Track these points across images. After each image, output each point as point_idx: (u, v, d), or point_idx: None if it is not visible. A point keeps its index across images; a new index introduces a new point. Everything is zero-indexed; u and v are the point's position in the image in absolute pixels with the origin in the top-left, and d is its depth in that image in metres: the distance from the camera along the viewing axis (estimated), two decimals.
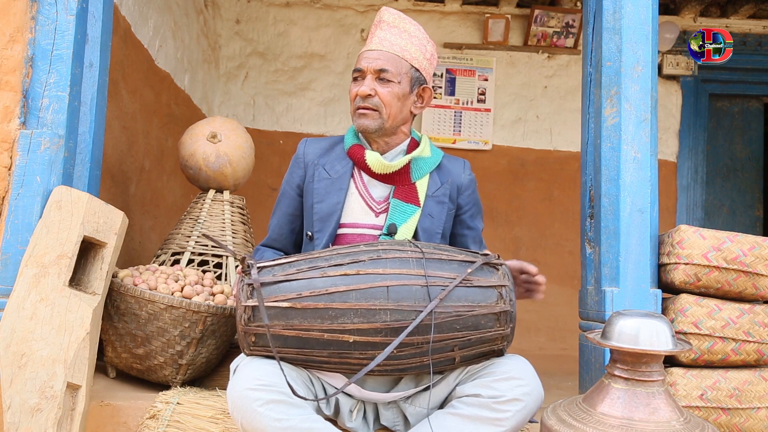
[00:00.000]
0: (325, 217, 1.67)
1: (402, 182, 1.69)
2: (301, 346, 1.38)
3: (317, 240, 1.66)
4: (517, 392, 1.39)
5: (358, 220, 1.68)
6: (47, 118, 1.77)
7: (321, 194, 1.70)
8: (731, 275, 1.74)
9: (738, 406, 1.72)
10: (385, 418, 1.55)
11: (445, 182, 1.74)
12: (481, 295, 1.41)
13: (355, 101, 1.67)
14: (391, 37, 1.68)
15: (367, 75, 1.66)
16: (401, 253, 1.43)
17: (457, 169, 1.78)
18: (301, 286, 1.38)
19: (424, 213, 1.68)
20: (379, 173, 1.68)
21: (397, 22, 1.70)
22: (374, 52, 1.67)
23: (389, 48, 1.67)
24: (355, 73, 1.69)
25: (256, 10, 4.32)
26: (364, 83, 1.66)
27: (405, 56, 1.67)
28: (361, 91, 1.65)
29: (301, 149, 1.79)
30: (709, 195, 4.37)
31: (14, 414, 1.49)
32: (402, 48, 1.67)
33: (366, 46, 1.72)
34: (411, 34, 1.70)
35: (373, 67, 1.65)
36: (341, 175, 1.71)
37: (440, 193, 1.72)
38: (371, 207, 1.69)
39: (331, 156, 1.75)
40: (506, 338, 1.44)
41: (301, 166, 1.77)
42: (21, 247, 1.66)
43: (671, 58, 4.24)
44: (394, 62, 1.66)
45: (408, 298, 1.36)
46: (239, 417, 1.32)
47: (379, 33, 1.70)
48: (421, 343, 1.37)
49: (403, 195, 1.68)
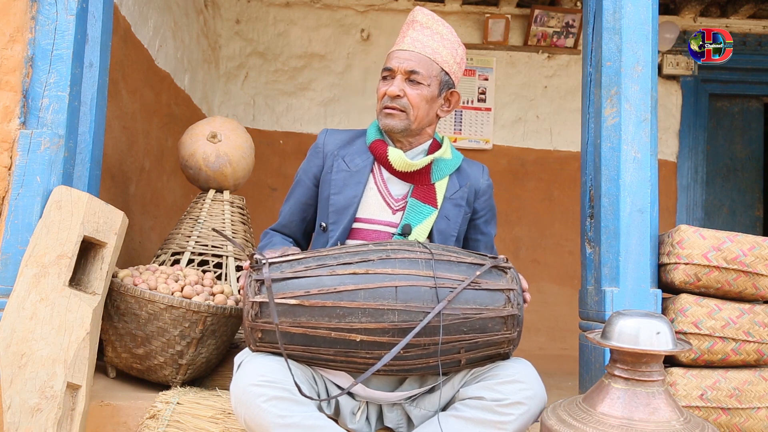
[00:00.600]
0: (341, 210, 1.67)
1: (422, 182, 1.69)
2: (307, 343, 1.38)
3: (331, 232, 1.66)
4: (521, 396, 1.39)
5: (374, 215, 1.67)
6: (47, 118, 1.77)
7: (339, 186, 1.69)
8: (731, 275, 1.74)
9: (738, 406, 1.72)
10: (388, 419, 1.55)
11: (464, 185, 1.74)
12: (489, 298, 1.41)
13: (383, 100, 1.66)
14: (424, 38, 1.67)
15: (397, 75, 1.65)
16: (410, 254, 1.43)
17: (476, 174, 1.78)
18: (309, 283, 1.38)
19: (441, 215, 1.68)
20: (400, 171, 1.68)
21: (430, 23, 1.69)
22: (406, 52, 1.65)
23: (421, 49, 1.65)
24: (384, 72, 1.67)
25: (256, 10, 4.32)
26: (393, 83, 1.64)
27: (436, 59, 1.66)
28: (390, 91, 1.63)
29: (321, 139, 1.78)
30: (709, 195, 4.37)
31: (14, 414, 1.49)
32: (434, 50, 1.66)
33: (397, 45, 1.70)
34: (443, 36, 1.69)
35: (404, 68, 1.64)
36: (361, 168, 1.71)
37: (458, 196, 1.72)
38: (389, 203, 1.68)
39: (351, 149, 1.74)
40: (513, 342, 1.45)
41: (320, 156, 1.76)
42: (21, 247, 1.66)
43: (671, 58, 4.24)
44: (425, 64, 1.64)
45: (416, 298, 1.36)
46: (242, 412, 1.32)
47: (411, 33, 1.68)
48: (427, 345, 1.37)
49: (421, 195, 1.67)
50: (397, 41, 1.72)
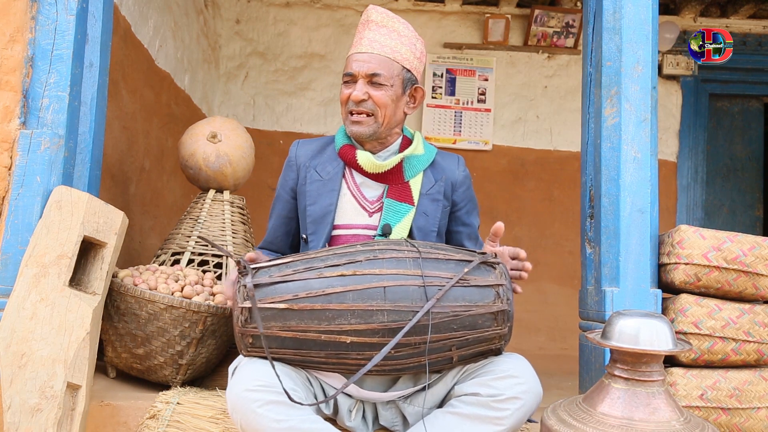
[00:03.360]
0: (319, 219, 1.66)
1: (395, 181, 1.67)
2: (298, 347, 1.38)
3: (312, 243, 1.65)
4: (516, 390, 1.39)
5: (351, 220, 1.67)
6: (47, 118, 1.77)
7: (313, 196, 1.68)
8: (731, 275, 1.74)
9: (738, 406, 1.72)
10: (383, 418, 1.55)
11: (440, 179, 1.72)
12: (479, 295, 1.40)
13: (348, 105, 1.64)
14: (381, 38, 1.64)
15: (359, 79, 1.62)
16: (398, 253, 1.42)
17: (451, 166, 1.75)
18: (297, 287, 1.37)
19: (419, 212, 1.67)
20: (372, 173, 1.67)
21: (385, 21, 1.66)
22: (364, 54, 1.63)
23: (380, 50, 1.63)
24: (345, 77, 1.65)
25: (256, 10, 4.32)
26: (356, 87, 1.62)
27: (396, 58, 1.64)
28: (354, 96, 1.61)
29: (293, 152, 1.78)
30: (709, 195, 4.37)
31: (14, 414, 1.49)
32: (393, 49, 1.64)
33: (355, 48, 1.67)
34: (401, 33, 1.66)
35: (365, 71, 1.61)
36: (333, 176, 1.69)
37: (434, 191, 1.70)
38: (364, 207, 1.67)
39: (322, 157, 1.73)
40: (504, 337, 1.44)
41: (294, 168, 1.76)
42: (21, 247, 1.66)
43: (671, 58, 4.24)
44: (386, 65, 1.62)
45: (405, 298, 1.36)
46: (239, 418, 1.32)
47: (367, 34, 1.66)
48: (418, 344, 1.37)
49: (396, 194, 1.66)
50: (354, 43, 1.69)
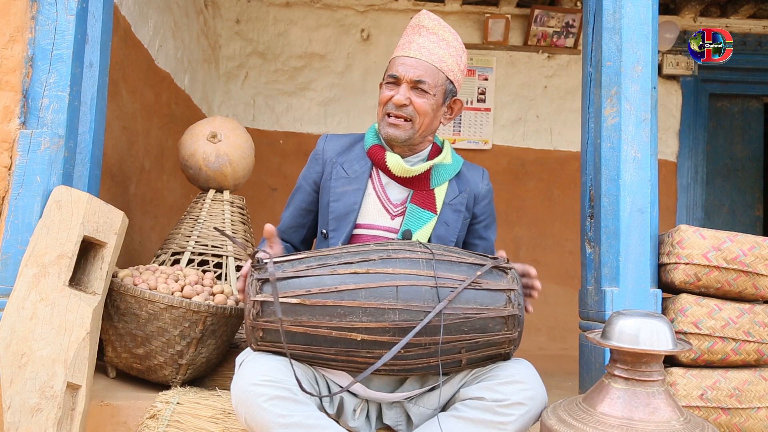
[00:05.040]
0: (341, 217, 1.66)
1: (421, 187, 1.67)
2: (308, 342, 1.38)
3: (332, 239, 1.65)
4: (521, 396, 1.39)
5: (373, 221, 1.67)
6: (47, 118, 1.77)
7: (338, 193, 1.68)
8: (731, 275, 1.74)
9: (738, 406, 1.72)
10: (388, 418, 1.55)
11: (464, 191, 1.72)
12: (490, 298, 1.41)
13: (386, 106, 1.63)
14: (430, 45, 1.63)
15: (402, 83, 1.61)
16: (411, 254, 1.43)
17: (476, 178, 1.76)
18: (310, 282, 1.38)
19: (440, 221, 1.67)
20: (399, 176, 1.66)
21: (436, 29, 1.65)
22: (412, 59, 1.61)
23: (428, 58, 1.61)
24: (389, 78, 1.63)
25: (256, 10, 4.32)
26: (399, 91, 1.60)
27: (442, 68, 1.62)
28: (397, 99, 1.59)
29: (320, 145, 1.77)
30: (709, 195, 4.37)
31: (14, 414, 1.49)
32: (440, 59, 1.62)
33: (403, 50, 1.65)
34: (449, 43, 1.65)
35: (411, 77, 1.60)
36: (359, 174, 1.69)
37: (457, 202, 1.70)
38: (387, 209, 1.67)
39: (350, 155, 1.73)
40: (513, 342, 1.45)
41: (320, 162, 1.75)
42: (21, 247, 1.66)
43: (671, 58, 4.24)
44: (432, 74, 1.61)
45: (417, 298, 1.36)
46: (243, 411, 1.32)
47: (417, 39, 1.64)
48: (428, 344, 1.37)
49: (420, 201, 1.66)
50: (401, 45, 1.67)
